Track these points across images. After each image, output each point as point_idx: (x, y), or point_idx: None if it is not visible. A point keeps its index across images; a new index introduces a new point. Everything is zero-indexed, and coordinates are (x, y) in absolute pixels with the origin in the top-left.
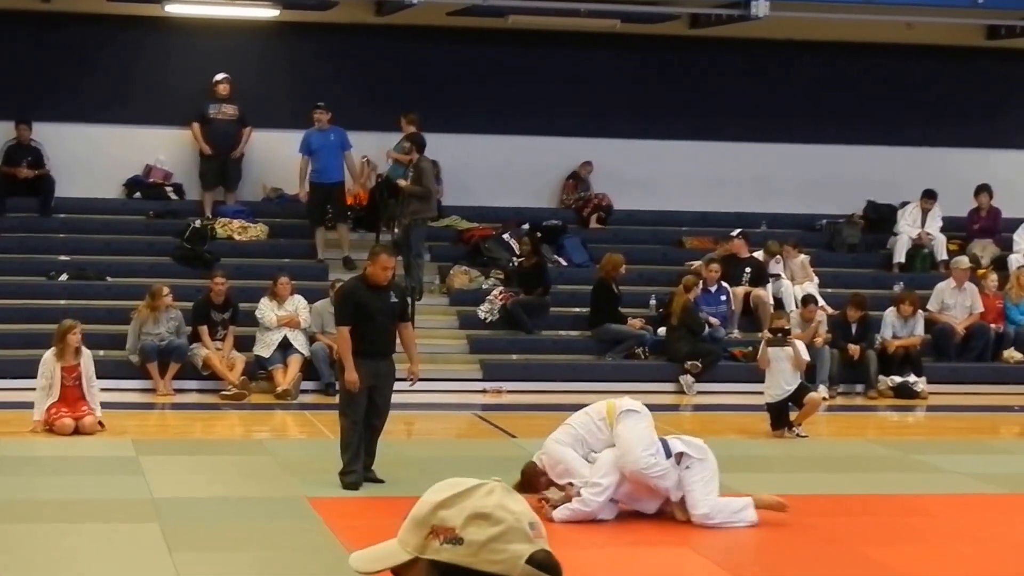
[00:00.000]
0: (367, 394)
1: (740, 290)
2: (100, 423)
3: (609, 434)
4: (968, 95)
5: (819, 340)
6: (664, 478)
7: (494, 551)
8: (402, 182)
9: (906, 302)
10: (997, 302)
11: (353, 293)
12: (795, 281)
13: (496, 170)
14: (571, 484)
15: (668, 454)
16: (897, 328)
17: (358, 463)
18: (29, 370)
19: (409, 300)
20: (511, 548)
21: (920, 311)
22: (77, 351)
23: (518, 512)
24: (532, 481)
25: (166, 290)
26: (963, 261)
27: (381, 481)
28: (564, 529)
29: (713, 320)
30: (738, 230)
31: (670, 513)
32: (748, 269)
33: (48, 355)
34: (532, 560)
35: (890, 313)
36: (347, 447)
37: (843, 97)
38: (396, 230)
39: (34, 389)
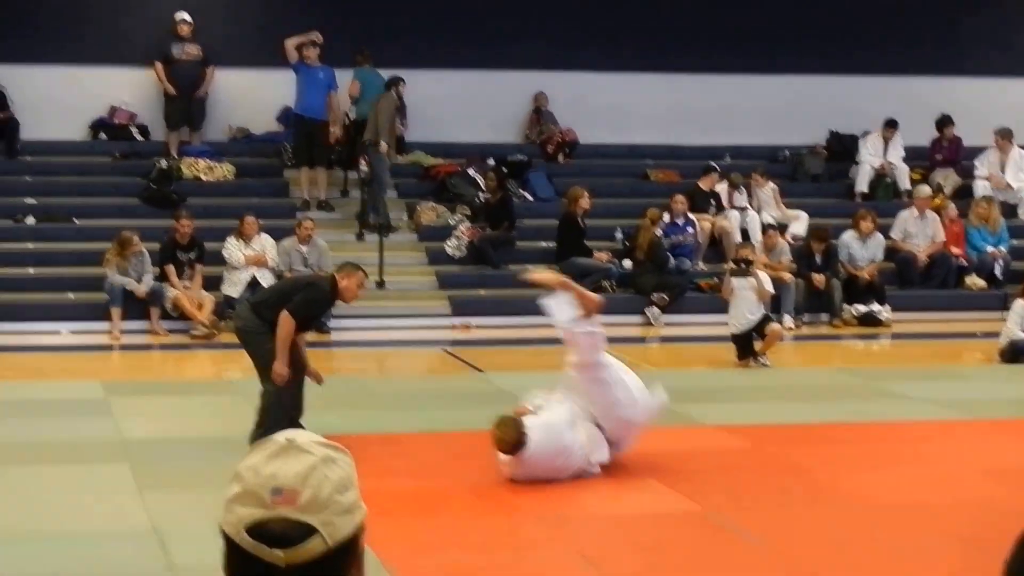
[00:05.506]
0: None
1: (707, 222)
2: None
3: None
4: (928, 22)
5: (786, 276)
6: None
7: (227, 511)
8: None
9: (866, 219)
10: (955, 228)
11: (325, 303)
12: (763, 211)
13: (459, 105)
14: None
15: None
16: (856, 249)
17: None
18: None
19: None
20: (238, 512)
21: (878, 232)
22: None
23: (267, 475)
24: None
25: (136, 238)
26: (924, 190)
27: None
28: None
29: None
30: (716, 167)
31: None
32: (713, 200)
33: None
34: (250, 528)
35: (848, 235)
36: (276, 424)
37: (803, 26)
38: (364, 167)
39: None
